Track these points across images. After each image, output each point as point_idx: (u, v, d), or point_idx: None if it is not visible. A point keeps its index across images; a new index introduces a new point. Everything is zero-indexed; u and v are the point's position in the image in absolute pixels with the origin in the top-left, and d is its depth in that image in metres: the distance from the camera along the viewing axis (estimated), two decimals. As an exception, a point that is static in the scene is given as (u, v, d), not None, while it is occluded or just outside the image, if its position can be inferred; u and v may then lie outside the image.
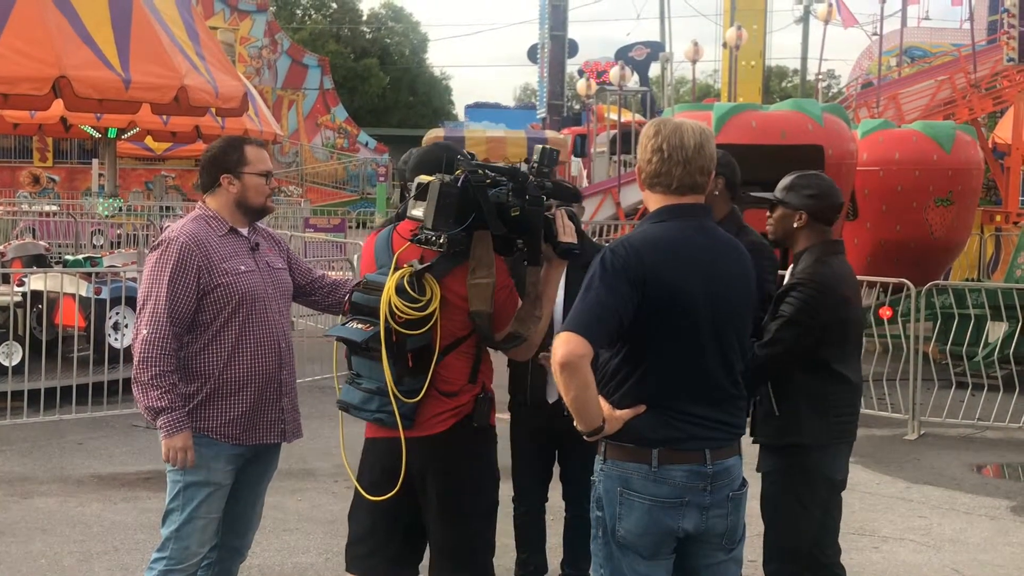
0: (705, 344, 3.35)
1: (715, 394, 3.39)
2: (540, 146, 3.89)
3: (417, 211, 3.68)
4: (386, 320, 3.61)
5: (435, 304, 3.63)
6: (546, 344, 3.80)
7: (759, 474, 4.49)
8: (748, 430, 4.45)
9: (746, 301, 3.49)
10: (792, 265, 4.49)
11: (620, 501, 3.36)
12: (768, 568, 4.46)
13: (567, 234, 3.79)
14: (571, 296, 3.69)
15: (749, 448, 4.48)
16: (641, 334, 3.31)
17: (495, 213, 3.64)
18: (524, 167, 3.82)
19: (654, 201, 3.46)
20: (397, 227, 3.87)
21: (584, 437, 3.36)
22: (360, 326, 3.71)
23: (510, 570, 5.28)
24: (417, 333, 3.63)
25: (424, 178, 3.69)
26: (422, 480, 3.77)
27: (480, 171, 3.68)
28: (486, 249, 3.68)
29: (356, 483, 3.90)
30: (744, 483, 3.50)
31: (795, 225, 4.41)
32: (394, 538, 3.88)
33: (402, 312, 3.61)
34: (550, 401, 4.91)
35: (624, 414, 3.33)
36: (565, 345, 3.18)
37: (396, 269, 3.68)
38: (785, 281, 4.48)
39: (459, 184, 3.61)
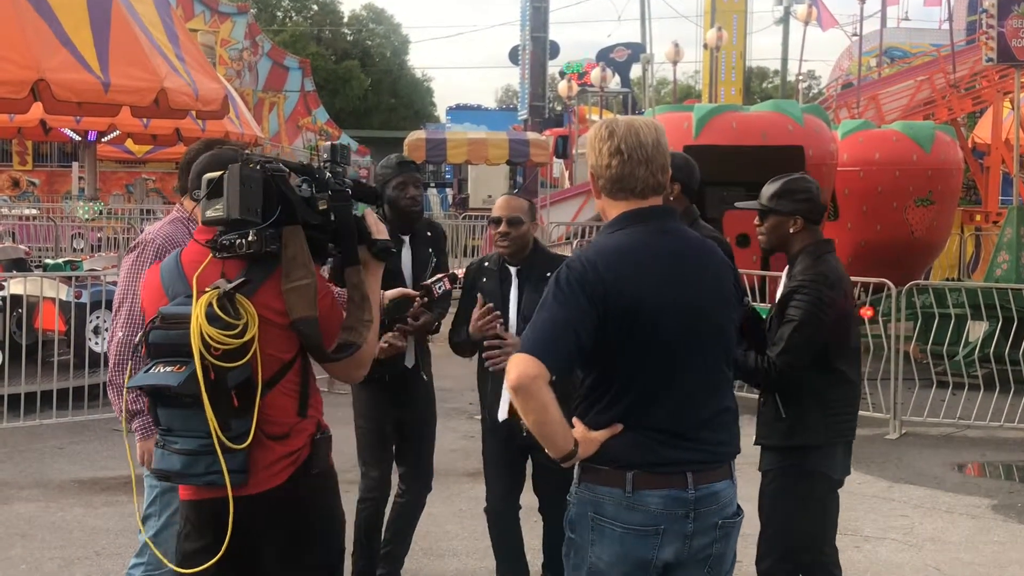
0: (681, 357, 3.07)
1: (697, 411, 3.10)
2: (329, 143, 3.50)
3: (214, 211, 3.15)
4: (201, 355, 2.99)
5: (254, 327, 3.06)
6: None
7: (757, 475, 4.47)
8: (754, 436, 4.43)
9: (724, 305, 3.20)
10: (788, 267, 4.49)
11: (592, 527, 3.08)
12: (761, 566, 4.43)
13: (380, 232, 3.38)
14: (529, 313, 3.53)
15: (751, 450, 4.40)
16: (610, 350, 3.04)
17: (303, 203, 3.18)
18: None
19: (614, 208, 3.18)
20: (182, 252, 3.35)
21: (560, 464, 3.06)
22: (169, 369, 3.06)
23: (492, 571, 5.27)
24: (237, 365, 3.04)
25: (212, 174, 3.19)
26: (257, 541, 3.22)
27: (274, 162, 3.22)
28: (300, 247, 3.15)
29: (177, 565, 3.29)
30: (739, 511, 3.19)
31: (791, 230, 4.42)
32: None
33: (218, 342, 3.00)
34: (500, 420, 4.81)
35: (599, 435, 3.06)
36: (516, 368, 2.91)
37: (199, 295, 3.09)
38: (782, 284, 4.48)
39: (260, 170, 3.14)
